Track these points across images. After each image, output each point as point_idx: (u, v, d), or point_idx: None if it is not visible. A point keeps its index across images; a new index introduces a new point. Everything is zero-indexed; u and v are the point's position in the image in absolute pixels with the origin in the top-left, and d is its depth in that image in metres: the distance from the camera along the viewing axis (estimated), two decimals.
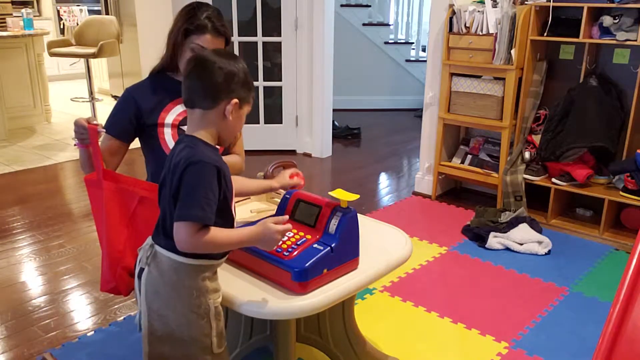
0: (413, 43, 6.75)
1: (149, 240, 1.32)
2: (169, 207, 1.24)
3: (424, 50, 6.72)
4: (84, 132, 1.49)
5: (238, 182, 1.49)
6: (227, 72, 1.25)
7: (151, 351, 1.31)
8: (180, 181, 1.19)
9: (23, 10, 5.07)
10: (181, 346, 1.29)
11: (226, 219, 1.27)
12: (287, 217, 1.30)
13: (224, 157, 1.48)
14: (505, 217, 3.03)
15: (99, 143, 1.52)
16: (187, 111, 1.30)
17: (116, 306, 2.31)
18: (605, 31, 2.86)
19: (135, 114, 1.75)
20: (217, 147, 1.31)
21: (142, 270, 1.30)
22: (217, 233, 1.21)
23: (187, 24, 1.70)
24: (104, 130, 1.54)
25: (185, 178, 1.19)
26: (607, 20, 2.84)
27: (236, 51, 4.35)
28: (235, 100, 1.27)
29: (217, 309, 1.29)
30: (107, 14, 6.30)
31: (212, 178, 1.20)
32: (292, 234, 1.41)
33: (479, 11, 3.12)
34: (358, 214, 1.44)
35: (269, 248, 1.29)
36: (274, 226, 1.24)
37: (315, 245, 1.36)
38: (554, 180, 3.06)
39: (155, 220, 1.32)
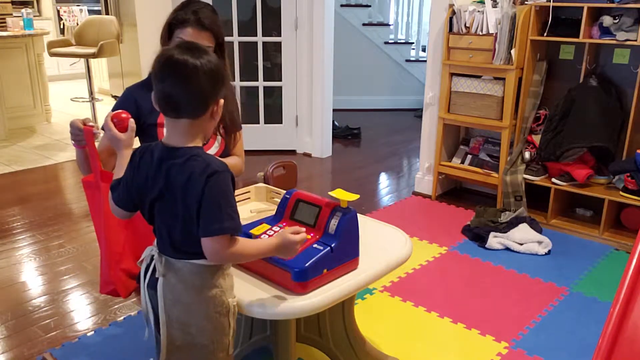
0: (413, 43, 6.75)
1: (152, 250, 1.28)
2: (181, 221, 1.20)
3: (424, 50, 6.72)
4: (80, 134, 1.48)
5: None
6: (211, 74, 1.17)
7: (168, 359, 1.29)
8: (201, 196, 1.15)
9: (23, 10, 5.07)
10: (201, 351, 1.28)
11: None
12: (304, 228, 1.31)
13: (223, 160, 1.48)
14: (505, 217, 3.03)
15: (98, 142, 1.51)
16: (168, 120, 1.21)
17: (116, 306, 2.31)
18: (605, 31, 2.86)
19: (135, 114, 1.75)
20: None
21: (154, 278, 1.26)
22: (245, 244, 1.22)
23: (171, 19, 1.70)
24: (100, 131, 1.52)
25: (208, 191, 1.15)
26: (607, 20, 2.84)
27: (236, 51, 4.35)
28: (222, 100, 1.23)
29: (235, 308, 1.29)
30: (107, 13, 6.30)
31: (231, 186, 1.20)
32: None
33: (479, 11, 3.12)
34: (358, 214, 1.44)
35: (288, 257, 1.29)
36: (292, 236, 1.25)
37: (315, 245, 1.36)
38: (554, 180, 3.06)
39: None
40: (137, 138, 1.81)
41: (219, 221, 1.15)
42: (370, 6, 6.46)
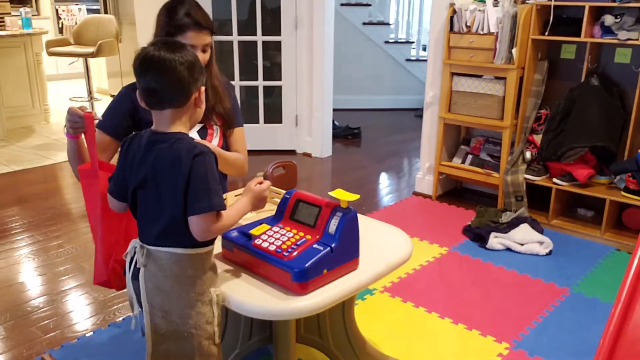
0: (413, 42, 6.75)
1: (135, 243, 1.31)
2: (164, 206, 1.25)
3: (424, 49, 6.72)
4: (80, 121, 1.49)
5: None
6: (188, 64, 1.25)
7: (154, 350, 1.31)
8: (189, 175, 1.21)
9: (21, 9, 5.06)
10: (185, 340, 1.30)
11: None
12: (261, 178, 1.43)
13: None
14: (506, 217, 3.02)
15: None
16: (153, 112, 1.28)
17: (115, 307, 2.30)
18: (607, 30, 2.85)
19: (131, 112, 1.75)
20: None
21: (137, 270, 1.30)
22: (228, 215, 1.28)
23: (167, 27, 1.69)
24: (100, 118, 1.54)
25: (195, 171, 1.21)
26: (608, 19, 2.83)
27: (235, 51, 4.34)
28: (203, 87, 1.31)
29: (219, 297, 1.31)
30: (106, 13, 6.29)
31: (215, 166, 1.26)
32: (292, 234, 1.40)
33: (480, 10, 3.11)
34: (358, 214, 1.43)
35: (262, 206, 1.41)
36: (259, 187, 1.39)
37: (315, 246, 1.35)
38: (555, 180, 3.05)
39: None
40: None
41: (207, 199, 1.21)
42: (370, 5, 6.44)
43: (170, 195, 1.23)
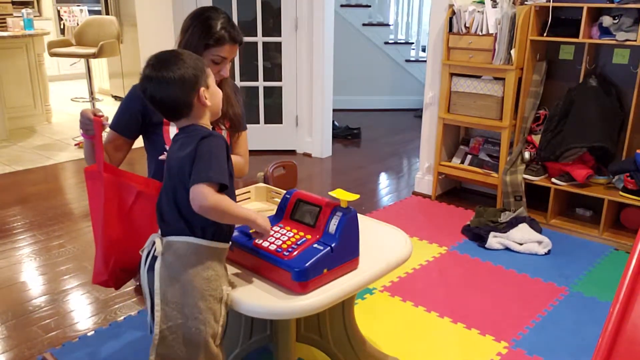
0: (413, 43, 6.76)
1: (155, 236, 1.34)
2: (181, 190, 1.28)
3: (423, 50, 6.72)
4: (89, 124, 1.51)
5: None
6: (179, 80, 1.28)
7: (160, 344, 1.32)
8: (195, 153, 1.25)
9: (23, 11, 5.07)
10: (191, 336, 1.31)
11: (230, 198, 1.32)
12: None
13: None
14: (505, 217, 3.03)
15: (104, 136, 1.53)
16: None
17: (116, 306, 2.31)
18: (605, 31, 2.87)
19: (141, 112, 1.76)
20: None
21: (154, 260, 1.31)
22: (227, 199, 1.27)
23: (206, 40, 1.72)
24: (109, 124, 1.56)
25: (199, 150, 1.25)
26: (606, 20, 2.84)
27: None
28: (202, 88, 1.32)
29: (228, 297, 1.33)
30: (107, 14, 6.30)
31: (222, 150, 1.29)
32: (292, 234, 1.41)
33: (478, 11, 3.13)
34: (358, 214, 1.44)
35: (265, 228, 1.37)
36: (267, 221, 1.40)
37: (315, 245, 1.36)
38: (553, 180, 3.06)
39: (152, 216, 1.36)
40: (141, 136, 1.83)
41: (206, 170, 1.24)
42: (370, 6, 6.46)
43: (185, 180, 1.27)
